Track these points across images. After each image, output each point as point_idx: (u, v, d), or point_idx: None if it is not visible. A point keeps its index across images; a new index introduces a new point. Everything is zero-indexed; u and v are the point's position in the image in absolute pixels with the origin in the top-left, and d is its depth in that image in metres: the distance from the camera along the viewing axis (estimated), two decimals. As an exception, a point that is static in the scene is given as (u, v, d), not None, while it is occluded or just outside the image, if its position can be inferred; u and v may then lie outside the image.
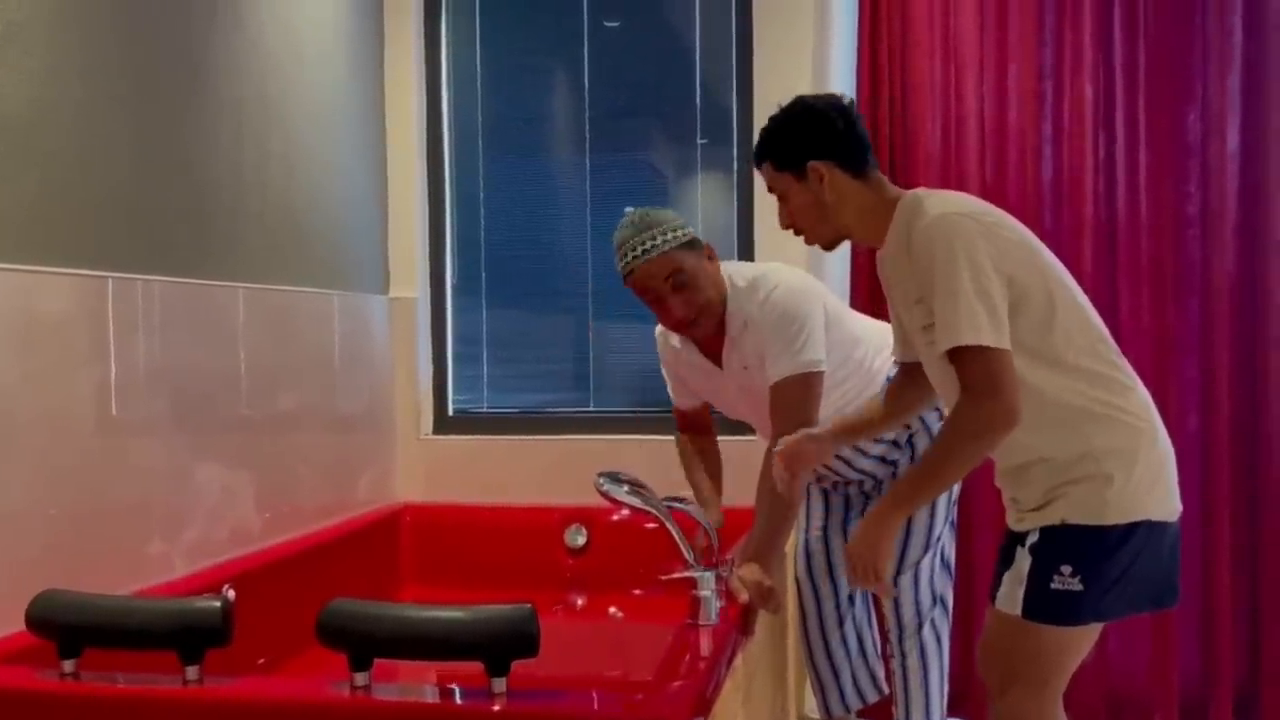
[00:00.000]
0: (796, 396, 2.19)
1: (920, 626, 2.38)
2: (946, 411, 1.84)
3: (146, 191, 2.24)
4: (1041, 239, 2.88)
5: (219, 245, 2.47)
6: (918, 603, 2.39)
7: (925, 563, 2.37)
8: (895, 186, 1.94)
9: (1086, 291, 2.84)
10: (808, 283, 2.29)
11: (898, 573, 2.36)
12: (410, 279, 3.32)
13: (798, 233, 1.96)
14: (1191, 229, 2.90)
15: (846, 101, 1.96)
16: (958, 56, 2.96)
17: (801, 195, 1.91)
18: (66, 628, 1.56)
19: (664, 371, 2.50)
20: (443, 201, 3.39)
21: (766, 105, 3.07)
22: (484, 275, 3.43)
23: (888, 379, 2.28)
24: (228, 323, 2.49)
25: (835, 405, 2.30)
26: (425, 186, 3.37)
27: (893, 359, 2.15)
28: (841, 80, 3.02)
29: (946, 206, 1.80)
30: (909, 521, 2.34)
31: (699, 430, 2.53)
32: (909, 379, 2.06)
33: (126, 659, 1.55)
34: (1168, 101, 2.88)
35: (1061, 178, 2.94)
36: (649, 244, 2.17)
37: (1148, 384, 2.79)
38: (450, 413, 3.40)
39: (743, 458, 2.49)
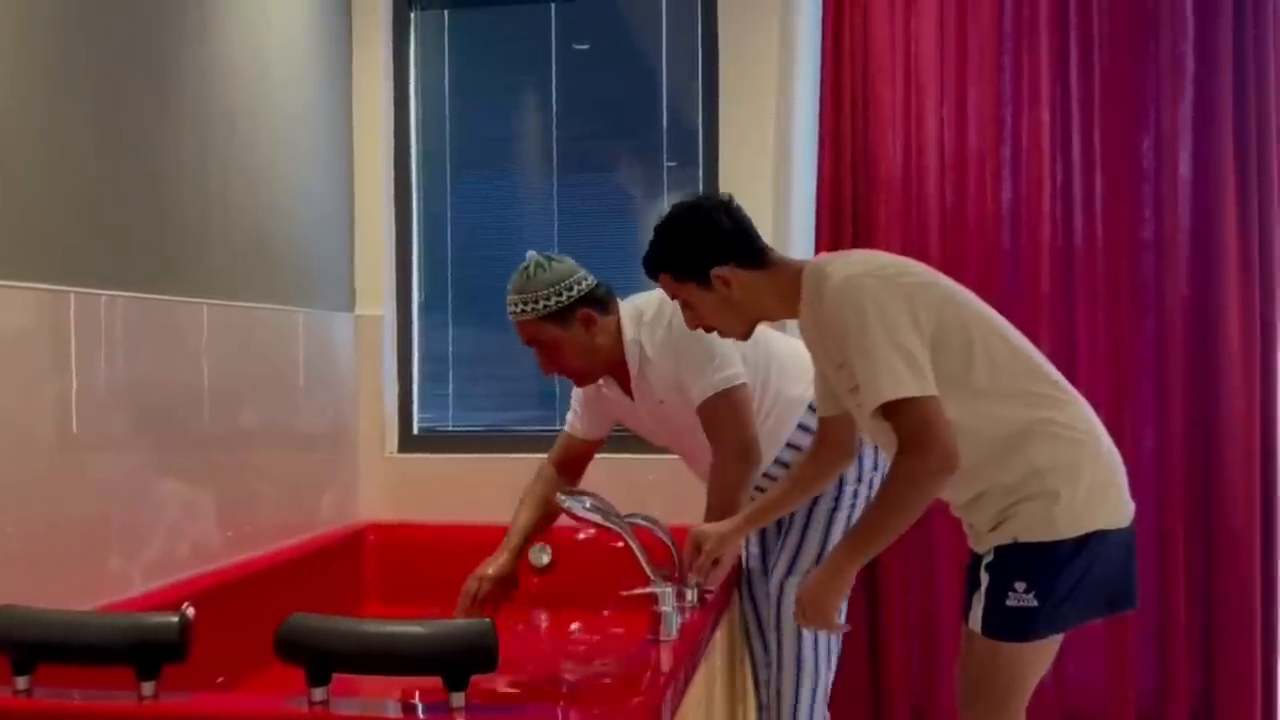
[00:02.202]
0: (725, 414, 2.24)
1: (799, 637, 2.36)
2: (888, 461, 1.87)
3: (110, 205, 2.23)
4: (1000, 261, 2.98)
5: (183, 261, 2.47)
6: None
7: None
8: (794, 259, 1.98)
9: (1044, 312, 2.95)
10: None
11: (787, 573, 2.37)
12: (376, 297, 3.32)
13: (709, 330, 2.00)
14: (1146, 252, 2.96)
15: (726, 197, 1.99)
16: (919, 82, 3.02)
17: (708, 300, 1.94)
18: (20, 644, 1.55)
19: (575, 394, 2.51)
20: (410, 220, 3.40)
21: (732, 128, 3.17)
22: (450, 293, 3.43)
23: (810, 407, 2.31)
24: (191, 339, 2.48)
25: (764, 434, 2.31)
26: (392, 204, 3.38)
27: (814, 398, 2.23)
28: (805, 103, 3.07)
29: (849, 269, 1.84)
30: (804, 530, 2.36)
31: (568, 470, 2.53)
32: (826, 439, 2.11)
33: (82, 675, 1.54)
34: (1122, 128, 2.94)
35: (1020, 201, 2.99)
36: (512, 308, 2.28)
37: (1104, 402, 2.90)
38: (415, 431, 3.40)
39: (671, 478, 2.57)
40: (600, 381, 2.41)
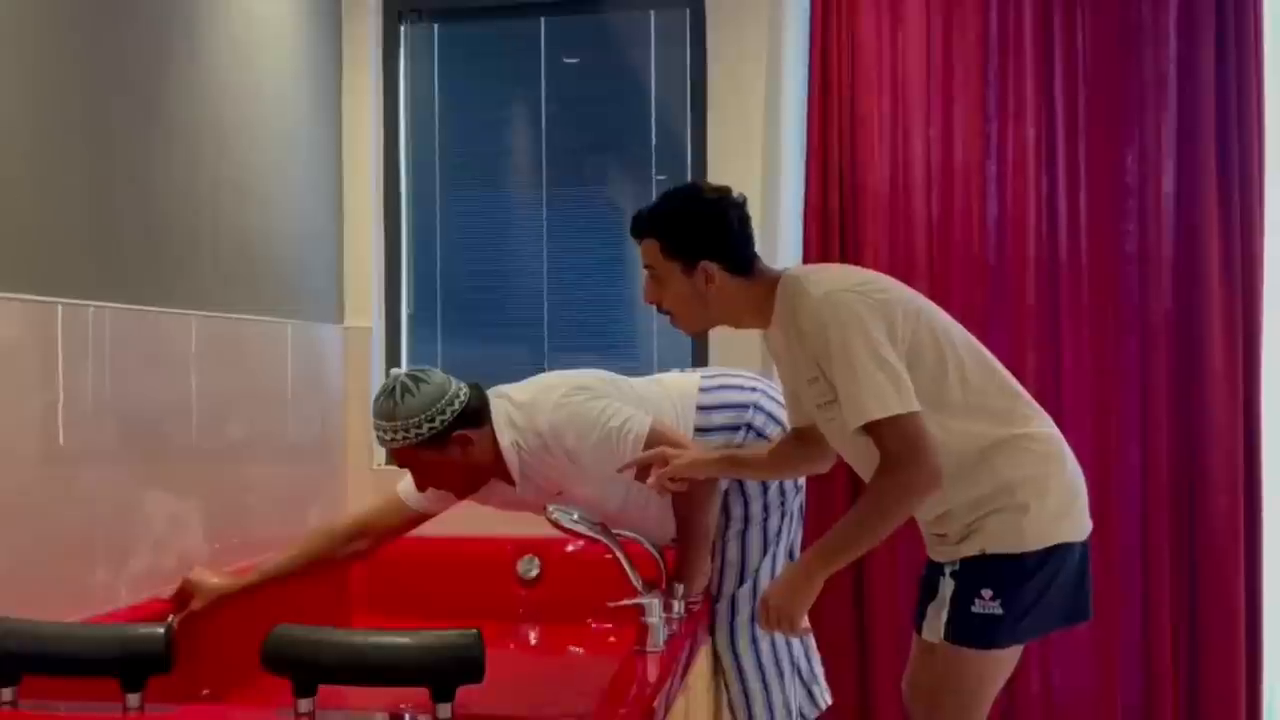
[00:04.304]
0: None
1: (738, 668, 2.36)
2: (865, 479, 1.88)
3: (98, 217, 2.24)
4: (986, 274, 3.00)
5: (171, 272, 2.47)
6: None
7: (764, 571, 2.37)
8: (772, 269, 1.98)
9: (1029, 325, 2.96)
10: (568, 392, 2.26)
11: (716, 599, 2.38)
12: (365, 309, 3.33)
13: (663, 312, 1.99)
14: (1130, 266, 2.98)
15: (741, 198, 1.98)
16: (905, 96, 3.05)
17: (682, 286, 1.94)
18: (5, 655, 1.54)
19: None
20: (399, 232, 3.41)
21: (720, 141, 3.18)
22: (439, 305, 3.44)
23: (697, 407, 2.34)
24: (179, 351, 2.48)
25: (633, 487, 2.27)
26: (381, 217, 3.38)
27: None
28: (793, 118, 3.09)
29: (827, 285, 1.85)
30: (721, 556, 2.37)
31: (372, 538, 2.44)
32: (797, 441, 2.11)
33: (67, 686, 1.54)
34: (1106, 143, 2.97)
35: (1005, 215, 3.02)
36: (382, 435, 2.17)
37: (1089, 415, 2.92)
38: (404, 443, 3.39)
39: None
40: None
